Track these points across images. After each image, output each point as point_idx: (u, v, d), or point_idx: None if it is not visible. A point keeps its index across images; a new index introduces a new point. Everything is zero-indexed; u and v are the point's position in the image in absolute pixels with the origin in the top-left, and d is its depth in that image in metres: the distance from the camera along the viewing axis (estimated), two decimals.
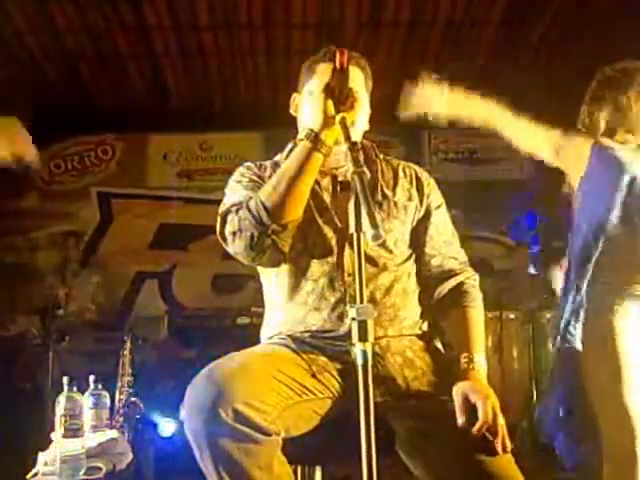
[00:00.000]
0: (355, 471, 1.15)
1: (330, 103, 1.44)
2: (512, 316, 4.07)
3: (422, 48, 4.62)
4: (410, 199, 1.63)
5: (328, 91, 1.46)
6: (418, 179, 1.68)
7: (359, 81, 1.58)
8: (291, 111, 1.69)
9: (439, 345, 1.64)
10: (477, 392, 1.38)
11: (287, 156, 1.62)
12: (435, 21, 4.32)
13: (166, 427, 3.53)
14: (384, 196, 1.60)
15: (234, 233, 1.44)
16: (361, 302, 1.16)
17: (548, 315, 4.09)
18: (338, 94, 1.44)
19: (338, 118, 1.41)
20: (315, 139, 1.43)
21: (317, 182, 1.56)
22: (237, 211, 1.46)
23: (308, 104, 1.55)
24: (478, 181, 5.63)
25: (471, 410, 1.35)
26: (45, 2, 4.01)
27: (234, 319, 4.40)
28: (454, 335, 1.57)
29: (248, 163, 1.68)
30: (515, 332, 4.06)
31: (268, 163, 1.67)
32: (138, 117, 5.40)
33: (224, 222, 1.48)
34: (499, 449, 1.32)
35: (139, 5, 4.07)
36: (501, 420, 1.35)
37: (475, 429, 1.32)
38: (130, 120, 5.44)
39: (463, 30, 4.42)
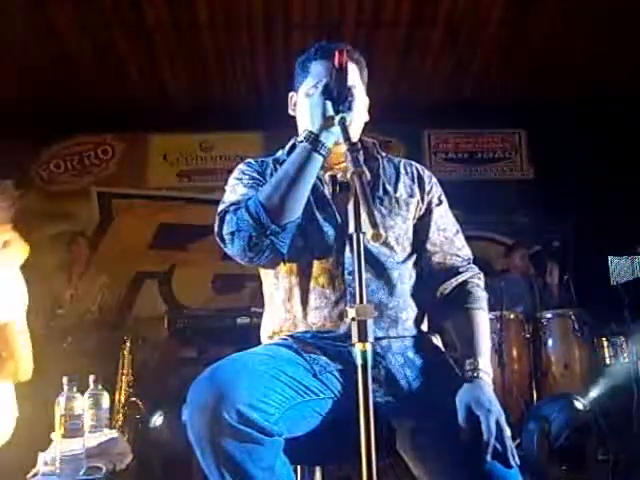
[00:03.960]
0: (355, 471, 1.15)
1: (329, 104, 1.43)
2: (512, 316, 4.07)
3: (422, 48, 4.62)
4: (412, 195, 1.62)
5: (327, 92, 1.44)
6: (420, 176, 1.67)
7: (355, 75, 1.58)
8: (289, 111, 1.68)
9: (439, 343, 1.63)
10: (480, 406, 1.36)
11: (288, 153, 1.62)
12: (435, 21, 4.32)
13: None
14: (385, 192, 1.60)
15: (232, 233, 1.43)
16: (361, 302, 1.15)
17: (548, 315, 4.08)
18: (337, 95, 1.43)
19: (337, 119, 1.40)
20: (315, 141, 1.43)
21: (318, 177, 1.55)
22: (235, 211, 1.45)
23: (306, 106, 1.53)
24: (478, 181, 5.64)
25: (475, 423, 1.33)
26: (45, 2, 4.01)
27: (234, 319, 4.39)
28: (458, 338, 1.55)
29: (249, 160, 1.67)
30: (515, 332, 4.05)
31: (270, 159, 1.67)
32: (138, 117, 5.40)
33: (222, 222, 1.47)
34: (510, 463, 1.29)
35: (139, 5, 4.07)
36: (507, 433, 1.33)
37: (483, 448, 1.30)
38: (130, 120, 5.44)
39: (463, 30, 4.42)
